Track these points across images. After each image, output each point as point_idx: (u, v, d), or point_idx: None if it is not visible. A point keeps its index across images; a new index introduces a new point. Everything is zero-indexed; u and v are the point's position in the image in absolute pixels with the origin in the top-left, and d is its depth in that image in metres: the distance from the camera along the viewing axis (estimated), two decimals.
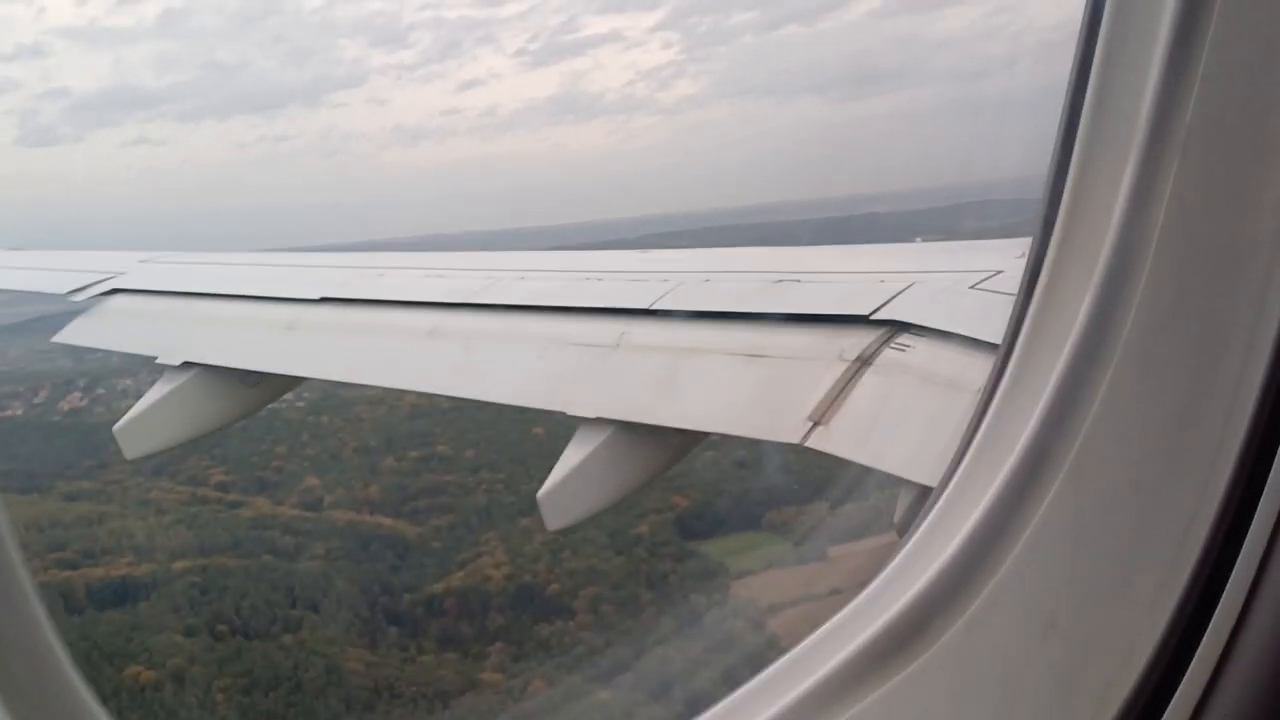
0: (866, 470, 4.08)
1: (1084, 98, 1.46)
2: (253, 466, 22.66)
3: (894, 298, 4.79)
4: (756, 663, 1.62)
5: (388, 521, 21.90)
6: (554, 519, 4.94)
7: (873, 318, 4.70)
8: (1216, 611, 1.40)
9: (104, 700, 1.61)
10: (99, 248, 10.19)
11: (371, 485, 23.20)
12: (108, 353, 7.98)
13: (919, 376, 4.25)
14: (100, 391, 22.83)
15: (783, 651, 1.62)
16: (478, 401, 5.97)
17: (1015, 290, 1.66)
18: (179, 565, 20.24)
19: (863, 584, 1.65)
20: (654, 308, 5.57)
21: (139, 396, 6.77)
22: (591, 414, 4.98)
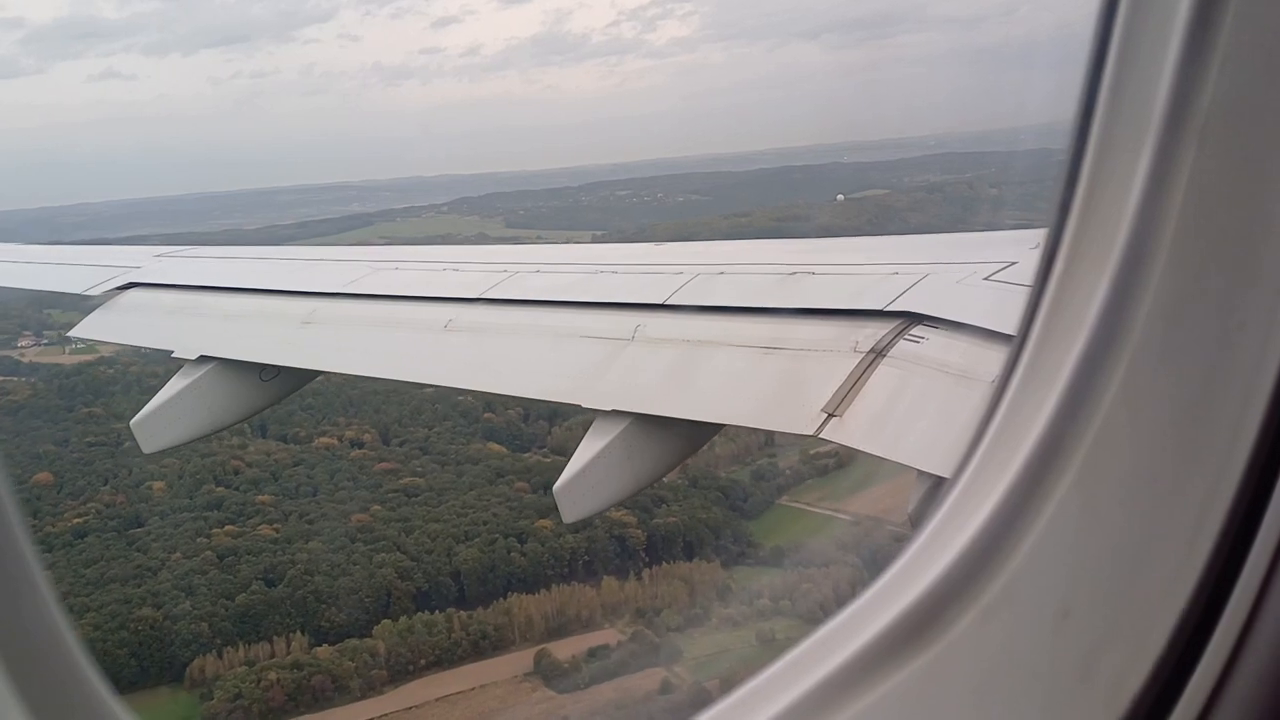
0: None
1: (1100, 82, 1.45)
2: None
3: (908, 289, 4.79)
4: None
5: None
6: (570, 511, 4.96)
7: (887, 310, 4.69)
8: (1231, 600, 1.40)
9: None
10: (86, 187, 10.18)
11: None
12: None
13: (933, 368, 4.25)
14: None
15: (792, 645, 1.63)
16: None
17: (1029, 281, 1.65)
18: None
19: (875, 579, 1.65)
20: (669, 301, 5.58)
21: None
22: (607, 406, 4.99)
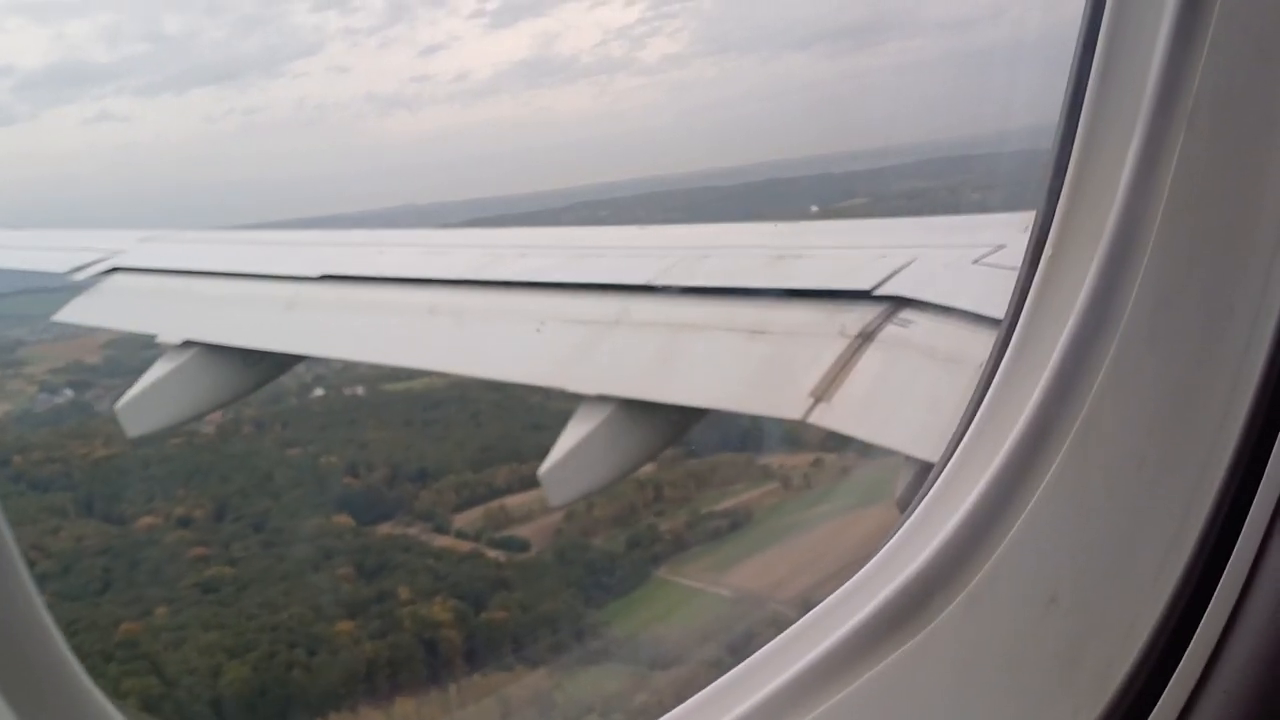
0: None
1: (1089, 68, 1.44)
2: None
3: (896, 273, 4.78)
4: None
5: None
6: (555, 495, 4.96)
7: (875, 293, 4.68)
8: (1219, 587, 1.40)
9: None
10: (88, 226, 10.15)
11: None
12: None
13: (921, 352, 4.24)
14: None
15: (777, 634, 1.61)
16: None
17: (1018, 265, 1.64)
18: None
19: (863, 562, 1.65)
20: (654, 284, 5.56)
21: None
22: (592, 390, 4.97)
